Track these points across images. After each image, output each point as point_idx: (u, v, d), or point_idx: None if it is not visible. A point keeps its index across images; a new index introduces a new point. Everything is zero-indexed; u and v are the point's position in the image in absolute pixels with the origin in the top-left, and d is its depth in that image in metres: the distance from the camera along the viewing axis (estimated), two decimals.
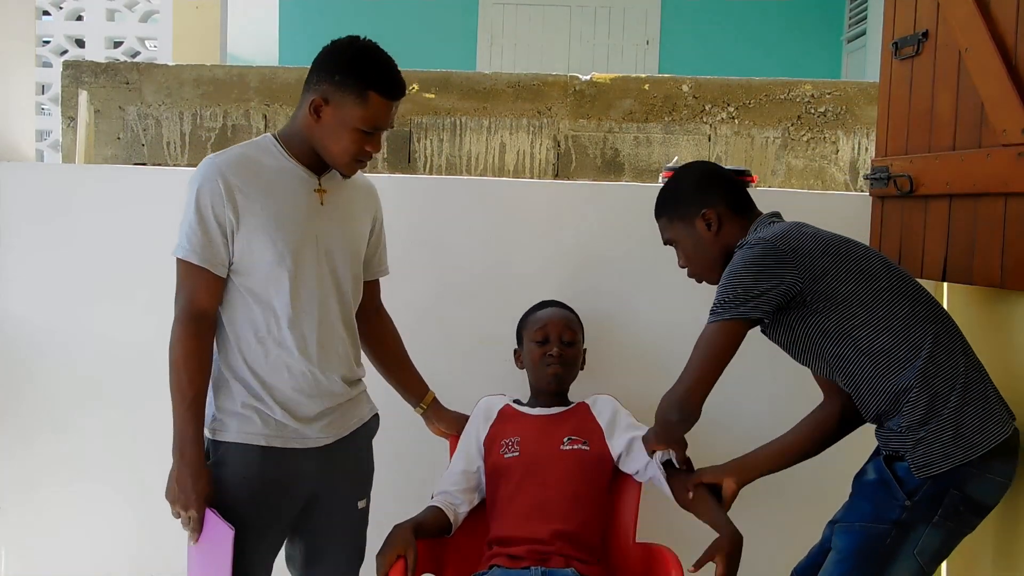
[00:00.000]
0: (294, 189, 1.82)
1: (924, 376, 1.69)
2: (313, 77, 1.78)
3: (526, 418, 2.18)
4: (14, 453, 2.63)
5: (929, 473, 1.66)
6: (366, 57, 1.77)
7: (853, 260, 1.77)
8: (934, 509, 1.67)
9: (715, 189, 1.91)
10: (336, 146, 1.78)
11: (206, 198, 1.75)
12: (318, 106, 1.76)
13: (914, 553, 1.68)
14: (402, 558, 1.93)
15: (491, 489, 2.14)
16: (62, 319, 2.60)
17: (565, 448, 2.10)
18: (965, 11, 2.02)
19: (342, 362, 1.91)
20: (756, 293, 1.72)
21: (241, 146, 1.86)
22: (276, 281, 1.79)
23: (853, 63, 6.95)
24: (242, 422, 1.82)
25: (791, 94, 3.44)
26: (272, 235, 1.78)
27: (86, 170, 2.88)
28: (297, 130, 1.82)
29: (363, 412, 2.00)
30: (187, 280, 1.78)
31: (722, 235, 1.88)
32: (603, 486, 2.13)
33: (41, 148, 4.82)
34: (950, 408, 1.67)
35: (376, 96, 1.75)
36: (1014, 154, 1.86)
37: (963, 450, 1.66)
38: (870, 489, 1.76)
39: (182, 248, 1.77)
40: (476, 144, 3.46)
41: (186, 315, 1.77)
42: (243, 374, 1.82)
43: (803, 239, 1.77)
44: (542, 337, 2.18)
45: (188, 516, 1.75)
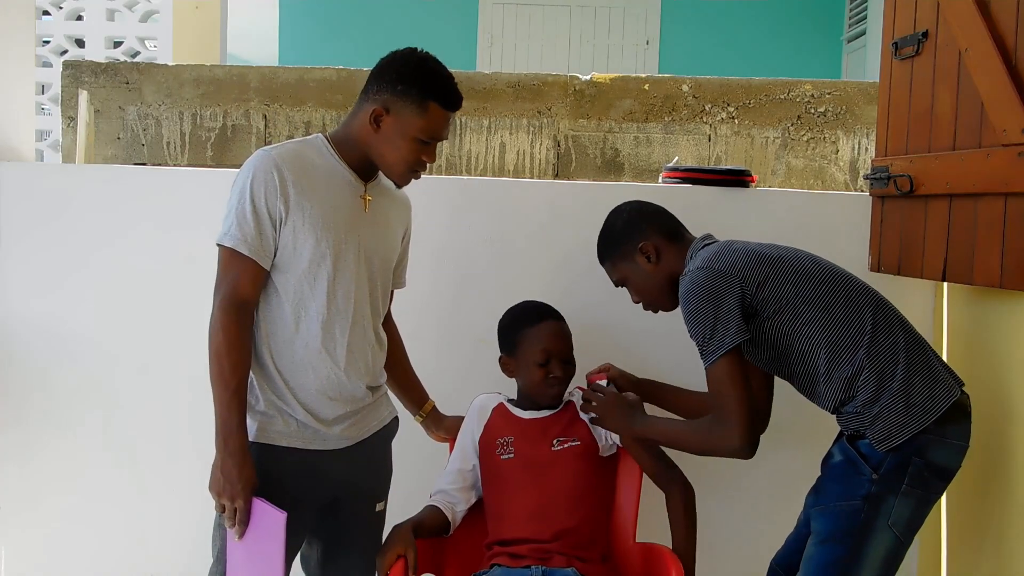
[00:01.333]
0: (342, 191, 1.84)
1: (869, 356, 1.79)
2: (373, 86, 1.81)
3: (519, 420, 2.17)
4: (14, 453, 2.63)
5: (890, 445, 1.75)
6: (427, 68, 1.81)
7: (786, 262, 1.88)
8: (900, 478, 1.75)
9: (645, 223, 2.02)
10: (394, 155, 1.81)
11: (260, 188, 1.75)
12: (379, 115, 1.79)
13: (888, 524, 1.76)
14: (402, 558, 1.93)
15: (488, 491, 2.14)
16: (62, 319, 2.60)
17: (556, 449, 2.10)
18: (965, 11, 2.02)
19: (368, 369, 1.91)
20: (725, 318, 1.80)
21: (294, 142, 1.87)
22: (314, 280, 1.80)
23: (853, 63, 6.95)
24: (264, 421, 1.82)
25: (791, 94, 3.43)
26: (318, 233, 1.79)
27: (86, 170, 2.88)
28: (351, 136, 1.84)
29: (383, 415, 2.01)
30: (232, 268, 1.76)
31: (663, 264, 1.99)
32: (601, 480, 2.14)
33: (41, 148, 4.82)
34: (898, 381, 1.77)
35: (436, 107, 1.79)
36: (1014, 154, 1.86)
37: (917, 419, 1.75)
38: (838, 470, 1.85)
39: (231, 236, 1.75)
40: (476, 144, 3.46)
41: (229, 303, 1.75)
42: (269, 371, 1.82)
43: (735, 255, 1.86)
44: (544, 359, 2.12)
45: (235, 507, 1.72)
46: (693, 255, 1.95)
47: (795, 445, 2.35)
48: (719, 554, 2.50)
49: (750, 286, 1.83)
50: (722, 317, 1.79)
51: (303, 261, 1.79)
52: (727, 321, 1.79)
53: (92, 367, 2.60)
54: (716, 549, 2.50)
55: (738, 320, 1.80)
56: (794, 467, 2.12)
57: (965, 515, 2.21)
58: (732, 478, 2.53)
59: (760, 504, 2.56)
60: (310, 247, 1.78)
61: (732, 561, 2.52)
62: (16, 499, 2.65)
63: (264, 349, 1.82)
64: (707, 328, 1.80)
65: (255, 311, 1.82)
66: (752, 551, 2.28)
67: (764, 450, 2.48)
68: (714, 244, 1.95)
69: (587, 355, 2.29)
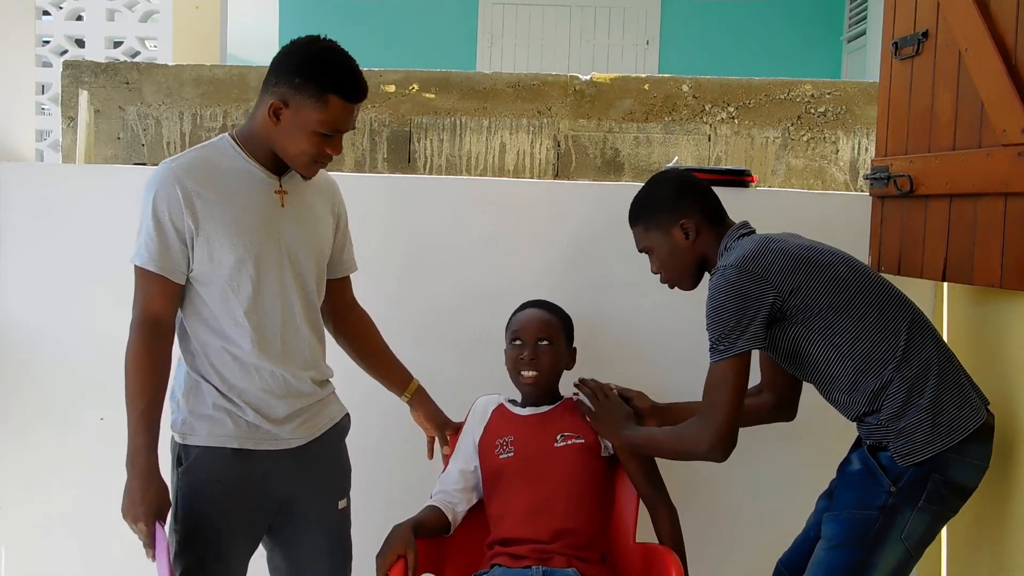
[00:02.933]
0: (254, 191, 1.79)
1: (900, 371, 1.76)
2: (272, 78, 1.75)
3: (518, 418, 2.17)
4: (13, 453, 2.63)
5: (911, 461, 1.74)
6: (326, 59, 1.73)
7: (822, 269, 1.83)
8: (919, 494, 1.74)
9: (691, 199, 1.95)
10: (295, 149, 1.75)
11: (163, 204, 1.72)
12: (277, 109, 1.73)
13: (901, 538, 1.74)
14: (402, 558, 1.93)
15: (488, 491, 2.14)
16: (62, 318, 2.60)
17: (559, 445, 2.10)
18: (965, 11, 2.02)
19: (309, 363, 1.89)
20: (745, 322, 1.77)
21: (198, 148, 1.83)
22: (238, 286, 1.77)
23: (853, 63, 6.95)
24: (213, 424, 1.80)
25: (791, 94, 3.43)
26: (233, 240, 1.75)
27: (86, 170, 2.88)
28: (255, 131, 1.79)
29: (333, 412, 1.98)
30: (143, 287, 1.75)
31: (698, 244, 1.94)
32: (601, 479, 2.14)
33: (41, 148, 4.82)
34: (927, 399, 1.75)
35: (336, 99, 1.71)
36: (1014, 154, 1.86)
37: (942, 438, 1.73)
38: (856, 478, 1.83)
39: (139, 256, 1.75)
40: (476, 144, 3.46)
41: (140, 322, 1.75)
42: (211, 377, 1.81)
43: (773, 257, 1.82)
44: (515, 339, 2.16)
45: (139, 530, 1.72)
46: (728, 245, 1.91)
47: (803, 445, 2.35)
48: (724, 554, 2.51)
49: (782, 292, 1.79)
50: (743, 321, 1.77)
51: (224, 269, 1.75)
52: (746, 326, 1.77)
53: (92, 367, 2.60)
54: (721, 549, 2.50)
55: (757, 328, 1.78)
56: (803, 467, 2.12)
57: (965, 515, 2.20)
58: (740, 476, 2.53)
59: (766, 504, 2.55)
60: (228, 254, 1.75)
61: (737, 561, 2.52)
62: (16, 499, 2.65)
63: (202, 356, 1.80)
64: (724, 328, 1.78)
65: (184, 322, 1.81)
66: (758, 551, 2.28)
67: (772, 449, 2.48)
68: (751, 238, 1.90)
69: (587, 355, 2.29)
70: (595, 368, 2.31)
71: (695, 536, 2.12)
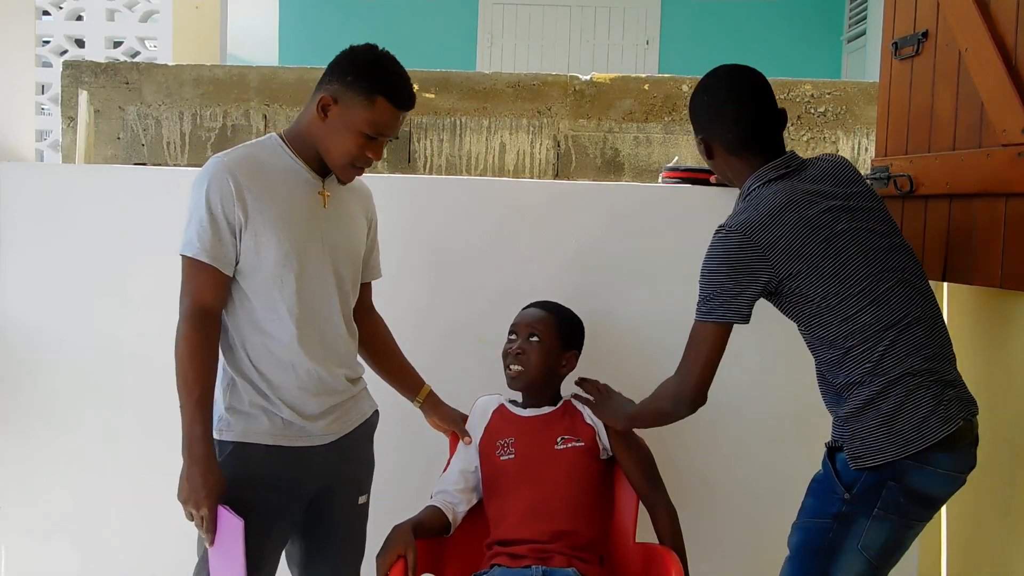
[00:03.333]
0: (299, 190, 1.83)
1: (872, 374, 1.69)
2: (326, 77, 1.81)
3: (519, 419, 2.18)
4: (13, 453, 2.63)
5: (863, 465, 1.68)
6: (379, 63, 1.80)
7: (829, 259, 1.73)
8: (872, 501, 1.67)
9: (723, 113, 1.87)
10: (338, 147, 1.79)
11: (216, 196, 1.75)
12: (326, 104, 1.78)
13: (858, 548, 1.68)
14: (402, 558, 1.93)
15: (488, 492, 2.14)
16: (62, 318, 2.60)
17: (559, 448, 2.10)
18: (965, 11, 2.02)
19: (344, 360, 1.93)
20: (736, 292, 1.73)
21: (247, 145, 1.86)
22: (282, 280, 1.80)
23: (853, 63, 6.95)
24: (249, 421, 1.83)
25: (791, 94, 3.43)
26: (279, 234, 1.78)
27: (86, 170, 2.88)
28: (303, 130, 1.83)
29: (364, 408, 2.02)
30: (194, 278, 1.77)
31: (723, 163, 1.90)
32: (601, 481, 2.14)
33: (41, 148, 4.82)
34: (889, 405, 1.67)
35: (384, 102, 1.77)
36: (1014, 154, 1.86)
37: (897, 447, 1.65)
38: (816, 484, 1.80)
39: (191, 246, 1.76)
40: (476, 144, 3.46)
41: (192, 313, 1.77)
42: (249, 374, 1.83)
43: (784, 230, 1.73)
44: (511, 333, 2.20)
45: (200, 516, 1.74)
46: (751, 190, 1.83)
47: (803, 445, 2.34)
48: (724, 554, 2.51)
49: (779, 274, 1.73)
50: (734, 290, 1.73)
51: (268, 263, 1.79)
52: (736, 295, 1.73)
53: (92, 367, 2.60)
54: (721, 549, 2.50)
55: (746, 300, 1.74)
56: (803, 467, 2.10)
57: (965, 516, 2.20)
58: (739, 476, 2.53)
59: (766, 504, 2.55)
60: (273, 249, 1.78)
61: (737, 561, 2.52)
62: (16, 499, 2.65)
63: (241, 352, 1.83)
64: (714, 291, 1.74)
65: (225, 317, 1.83)
66: (757, 551, 2.28)
67: (772, 449, 2.48)
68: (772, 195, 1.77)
69: (587, 355, 2.29)
70: (595, 367, 2.31)
71: (695, 536, 2.12)
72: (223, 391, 1.84)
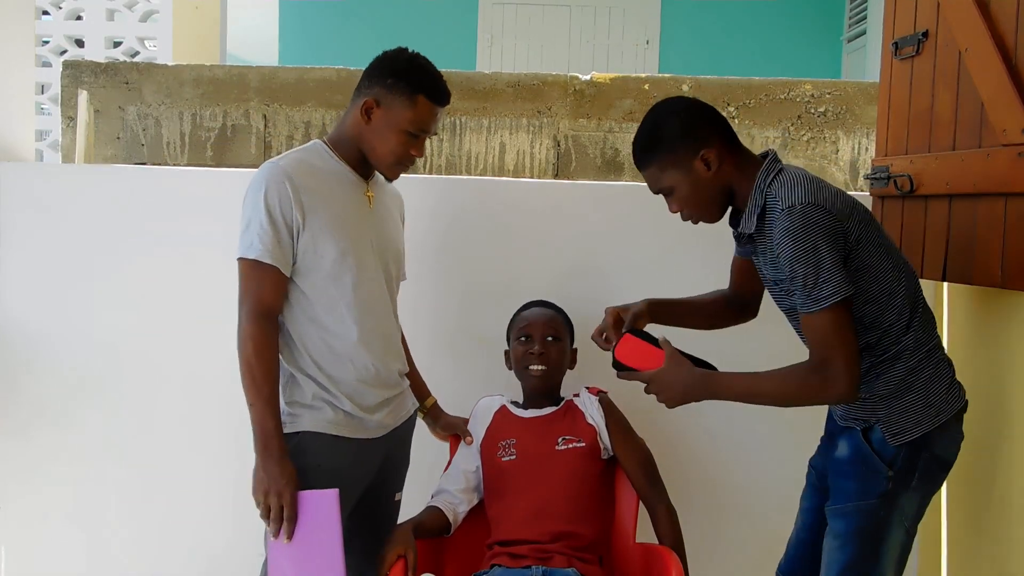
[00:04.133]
0: (349, 191, 1.93)
1: (908, 349, 1.73)
2: (365, 82, 1.90)
3: (520, 420, 2.18)
4: (13, 451, 2.63)
5: (902, 440, 1.72)
6: (416, 64, 1.90)
7: (871, 228, 1.73)
8: (912, 474, 1.73)
9: (706, 126, 1.76)
10: (383, 147, 1.88)
11: (274, 199, 1.82)
12: (369, 108, 1.87)
13: (902, 520, 1.75)
14: (402, 558, 1.93)
15: (490, 493, 2.15)
16: (62, 318, 2.60)
17: (560, 448, 2.11)
18: (965, 11, 2.02)
19: (397, 354, 2.03)
20: (839, 262, 1.63)
21: (296, 151, 1.95)
22: (340, 278, 1.88)
23: (853, 63, 6.95)
24: (315, 413, 1.89)
25: (791, 94, 3.43)
26: (335, 233, 1.86)
27: (86, 170, 2.88)
28: (346, 134, 1.93)
29: (409, 404, 2.10)
30: (255, 279, 1.83)
31: (722, 172, 1.75)
32: (602, 481, 2.14)
33: (41, 148, 4.82)
34: (923, 379, 1.74)
35: (425, 100, 1.86)
36: (1014, 154, 1.86)
37: (931, 417, 1.73)
38: (849, 466, 1.80)
39: (254, 249, 1.81)
40: (476, 144, 3.46)
41: (256, 314, 1.82)
42: (309, 370, 1.89)
43: (836, 200, 1.68)
44: (525, 336, 2.20)
45: (282, 504, 1.76)
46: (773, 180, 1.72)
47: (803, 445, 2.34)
48: (724, 554, 2.51)
49: (851, 240, 1.67)
50: (838, 261, 1.62)
51: (326, 263, 1.86)
52: (840, 267, 1.63)
53: (92, 367, 2.60)
54: (721, 549, 2.50)
55: (845, 271, 1.64)
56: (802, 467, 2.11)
57: (965, 514, 2.20)
58: (739, 476, 2.53)
59: (765, 504, 2.55)
60: (331, 249, 1.86)
61: (737, 561, 2.52)
62: (16, 497, 2.65)
63: (300, 351, 1.89)
64: (823, 270, 1.61)
65: (282, 317, 1.88)
66: (757, 551, 2.28)
67: (772, 448, 2.48)
68: (801, 174, 1.72)
69: (587, 354, 2.29)
70: (595, 367, 2.31)
71: (695, 536, 2.12)
72: (283, 388, 1.89)
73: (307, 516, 1.78)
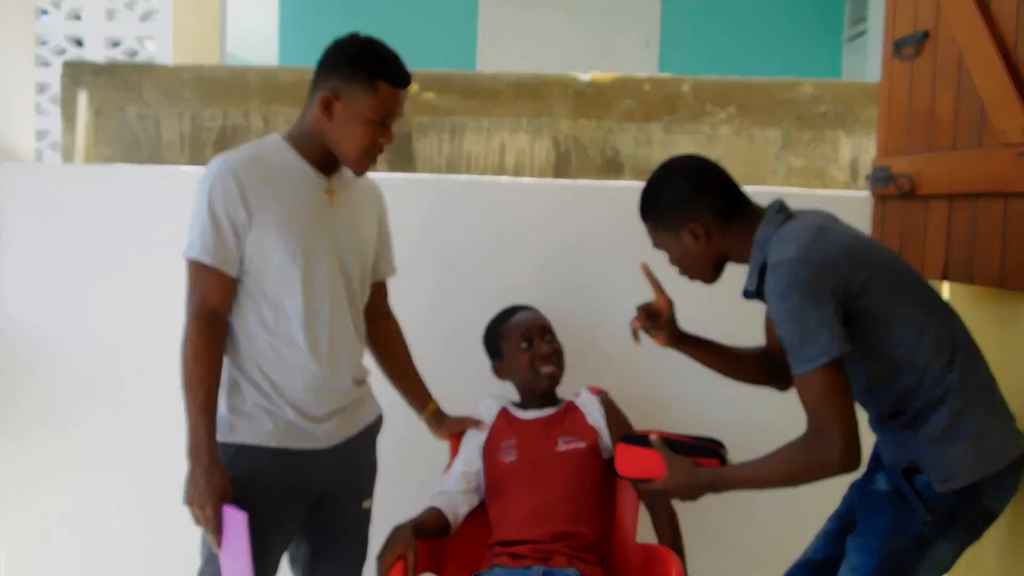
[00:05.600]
0: (304, 189, 1.83)
1: (953, 390, 1.62)
2: (320, 75, 1.81)
3: (521, 422, 2.18)
4: (13, 453, 2.63)
5: (951, 487, 1.61)
6: (371, 49, 1.80)
7: (883, 271, 1.65)
8: (953, 523, 1.63)
9: (700, 198, 1.74)
10: (349, 140, 1.79)
11: (219, 197, 1.75)
12: (328, 102, 1.78)
13: (931, 568, 1.66)
14: (402, 559, 1.93)
15: (491, 493, 2.15)
16: (61, 318, 2.60)
17: (561, 449, 2.10)
18: (965, 11, 2.02)
19: (351, 362, 1.92)
20: (828, 319, 1.56)
21: (251, 145, 1.86)
22: (287, 281, 1.79)
23: (853, 63, 6.95)
24: (252, 423, 1.82)
25: (791, 94, 3.43)
26: (284, 235, 1.78)
27: (86, 170, 2.88)
28: (306, 130, 1.83)
29: (369, 412, 2.01)
30: (199, 280, 1.78)
31: (712, 245, 1.75)
32: (602, 482, 2.14)
33: (41, 148, 4.81)
34: (976, 422, 1.62)
35: (385, 85, 1.77)
36: (1014, 154, 1.86)
37: (986, 464, 1.61)
38: (884, 502, 1.70)
39: (194, 248, 1.76)
40: (476, 144, 3.46)
41: (197, 315, 1.77)
42: (254, 375, 1.82)
43: (832, 250, 1.62)
44: (525, 340, 2.18)
45: (205, 517, 1.73)
46: (773, 235, 1.67)
47: None
48: (725, 554, 2.51)
49: (847, 290, 1.59)
50: (827, 319, 1.55)
51: (273, 264, 1.78)
52: (832, 324, 1.55)
53: (92, 367, 2.60)
54: (721, 549, 2.50)
55: (840, 325, 1.56)
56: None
57: None
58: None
59: (765, 504, 2.55)
60: (279, 248, 1.78)
61: (737, 561, 2.52)
62: (16, 500, 2.65)
63: (245, 354, 1.82)
64: (809, 330, 1.54)
65: (231, 318, 1.82)
66: (757, 551, 2.27)
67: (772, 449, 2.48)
68: (801, 225, 1.66)
69: (587, 355, 2.29)
70: (595, 368, 2.32)
71: (695, 536, 2.12)
72: (226, 392, 1.83)
73: (228, 530, 1.74)
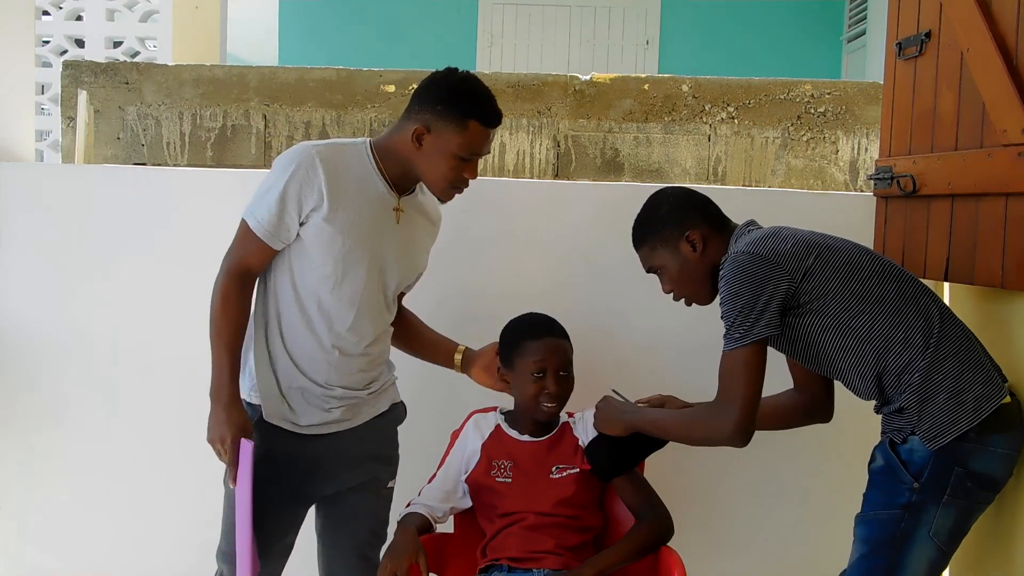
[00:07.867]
0: (375, 200, 1.91)
1: (923, 349, 1.73)
2: (415, 105, 1.89)
3: (516, 443, 2.13)
4: (13, 453, 2.63)
5: (941, 443, 1.69)
6: (465, 88, 1.88)
7: (833, 252, 1.81)
8: (942, 488, 1.70)
9: (692, 210, 1.94)
10: (435, 172, 1.88)
11: (296, 179, 1.82)
12: (420, 134, 1.85)
13: (930, 535, 1.71)
14: (415, 564, 1.92)
15: (482, 509, 2.12)
16: (61, 319, 2.60)
17: (555, 477, 2.08)
18: (967, 11, 2.02)
19: (372, 363, 2.00)
20: (760, 308, 1.74)
21: (339, 142, 1.95)
22: (331, 277, 1.88)
23: (853, 63, 6.95)
24: (271, 403, 1.91)
25: (791, 94, 3.43)
26: (343, 234, 1.86)
27: (86, 170, 2.88)
28: (392, 149, 1.90)
29: (382, 403, 2.07)
30: (245, 243, 1.87)
31: (707, 254, 1.91)
32: (597, 500, 2.13)
33: (41, 148, 4.82)
34: (949, 378, 1.72)
35: (476, 124, 1.85)
36: (1014, 154, 1.86)
37: (968, 415, 1.69)
38: (878, 476, 1.79)
39: (253, 217, 1.85)
40: None
41: (233, 270, 1.86)
42: (282, 359, 1.91)
43: (783, 242, 1.80)
44: (539, 370, 2.08)
45: (224, 448, 1.81)
46: (737, 239, 1.89)
47: (804, 445, 2.34)
48: (724, 554, 2.51)
49: (795, 277, 1.76)
50: (758, 306, 1.73)
51: (326, 255, 1.87)
52: (761, 311, 1.73)
53: (92, 367, 2.60)
54: (721, 549, 2.50)
55: (772, 313, 1.74)
56: (803, 467, 2.11)
57: None
58: (739, 477, 2.53)
59: (765, 504, 2.55)
60: (337, 245, 1.86)
61: (737, 561, 2.52)
62: (15, 500, 2.65)
63: (276, 335, 1.91)
64: (738, 312, 1.74)
65: (268, 298, 1.92)
66: (757, 551, 2.27)
67: (772, 449, 2.48)
68: (761, 231, 1.88)
69: (587, 355, 2.28)
70: (595, 369, 2.31)
71: (695, 536, 2.12)
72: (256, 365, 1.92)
73: (243, 464, 1.82)
